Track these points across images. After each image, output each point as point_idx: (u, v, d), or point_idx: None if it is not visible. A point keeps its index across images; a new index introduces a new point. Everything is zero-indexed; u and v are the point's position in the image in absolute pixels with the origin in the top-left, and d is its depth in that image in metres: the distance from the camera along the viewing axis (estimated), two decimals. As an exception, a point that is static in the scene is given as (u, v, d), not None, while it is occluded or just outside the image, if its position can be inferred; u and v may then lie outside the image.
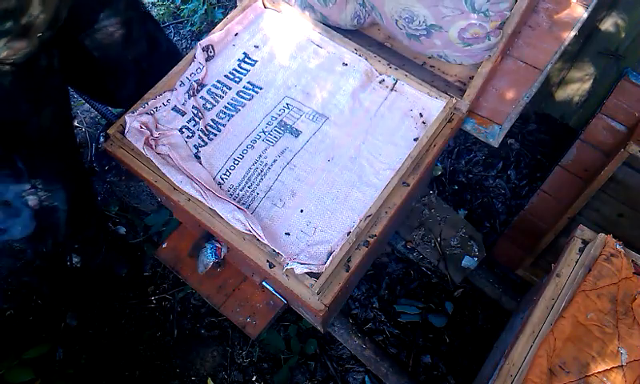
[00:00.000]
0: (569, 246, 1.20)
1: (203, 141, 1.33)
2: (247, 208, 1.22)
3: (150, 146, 1.30)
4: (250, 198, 1.25)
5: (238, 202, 1.23)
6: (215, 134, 1.35)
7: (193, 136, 1.34)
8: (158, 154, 1.28)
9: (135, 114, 1.32)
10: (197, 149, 1.32)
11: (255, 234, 1.15)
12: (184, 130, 1.35)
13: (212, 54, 1.45)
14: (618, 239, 1.17)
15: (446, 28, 1.30)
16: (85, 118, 2.55)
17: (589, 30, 1.89)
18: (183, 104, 1.37)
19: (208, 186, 1.23)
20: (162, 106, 1.37)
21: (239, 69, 1.47)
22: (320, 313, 1.09)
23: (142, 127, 1.30)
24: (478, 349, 1.94)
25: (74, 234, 1.62)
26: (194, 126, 1.35)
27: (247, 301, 1.58)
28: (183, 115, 1.36)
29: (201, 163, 1.29)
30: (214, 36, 1.46)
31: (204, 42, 1.44)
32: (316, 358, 1.98)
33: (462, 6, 1.23)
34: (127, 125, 1.30)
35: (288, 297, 1.47)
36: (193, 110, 1.36)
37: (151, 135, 1.31)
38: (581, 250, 1.19)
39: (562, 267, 1.16)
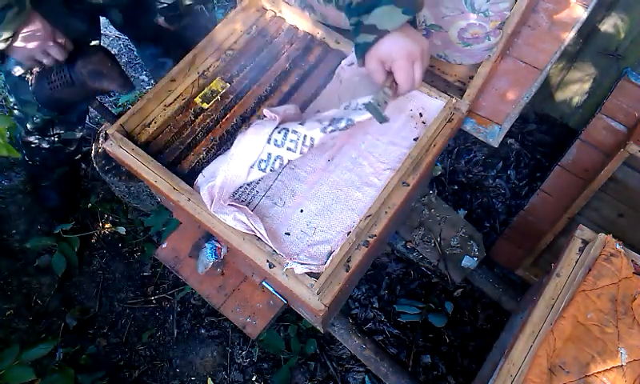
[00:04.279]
0: (569, 245, 1.20)
1: None
2: (247, 206, 1.21)
3: None
4: (250, 196, 1.25)
5: (237, 199, 1.23)
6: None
7: None
8: None
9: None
10: None
11: (258, 233, 1.15)
12: None
13: None
14: (618, 239, 1.17)
15: (445, 28, 1.30)
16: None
17: (589, 30, 1.89)
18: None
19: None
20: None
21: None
22: (320, 313, 1.09)
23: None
24: (478, 349, 1.95)
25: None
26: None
27: (247, 301, 1.58)
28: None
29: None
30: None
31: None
32: (316, 358, 1.98)
33: (462, 6, 1.23)
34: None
35: (288, 297, 1.47)
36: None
37: None
38: (581, 250, 1.19)
39: (561, 267, 1.16)
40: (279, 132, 1.18)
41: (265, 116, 1.22)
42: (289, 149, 1.17)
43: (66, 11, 1.44)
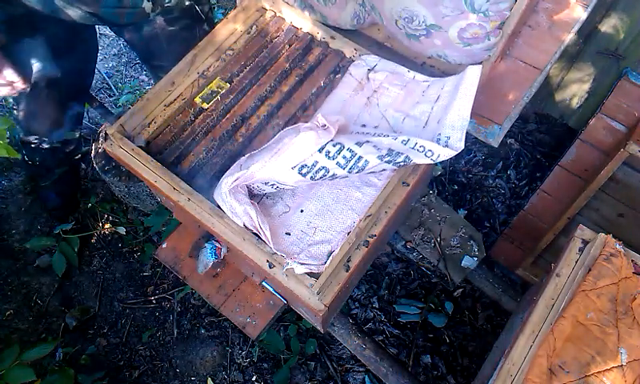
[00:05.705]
0: (569, 245, 1.20)
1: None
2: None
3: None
4: (256, 192, 1.25)
5: (249, 191, 1.22)
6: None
7: None
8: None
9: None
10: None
11: (261, 232, 1.14)
12: None
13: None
14: (617, 239, 1.17)
15: (445, 28, 1.30)
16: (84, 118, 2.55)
17: (589, 30, 1.89)
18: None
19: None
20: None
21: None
22: (320, 313, 1.10)
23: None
24: (478, 349, 1.95)
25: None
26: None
27: (247, 301, 1.58)
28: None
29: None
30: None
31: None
32: (316, 358, 1.98)
33: (462, 6, 1.23)
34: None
35: (288, 297, 1.47)
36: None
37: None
38: (581, 250, 1.19)
39: (561, 267, 1.16)
40: (334, 145, 1.16)
41: (318, 122, 1.19)
42: (338, 163, 1.15)
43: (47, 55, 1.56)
